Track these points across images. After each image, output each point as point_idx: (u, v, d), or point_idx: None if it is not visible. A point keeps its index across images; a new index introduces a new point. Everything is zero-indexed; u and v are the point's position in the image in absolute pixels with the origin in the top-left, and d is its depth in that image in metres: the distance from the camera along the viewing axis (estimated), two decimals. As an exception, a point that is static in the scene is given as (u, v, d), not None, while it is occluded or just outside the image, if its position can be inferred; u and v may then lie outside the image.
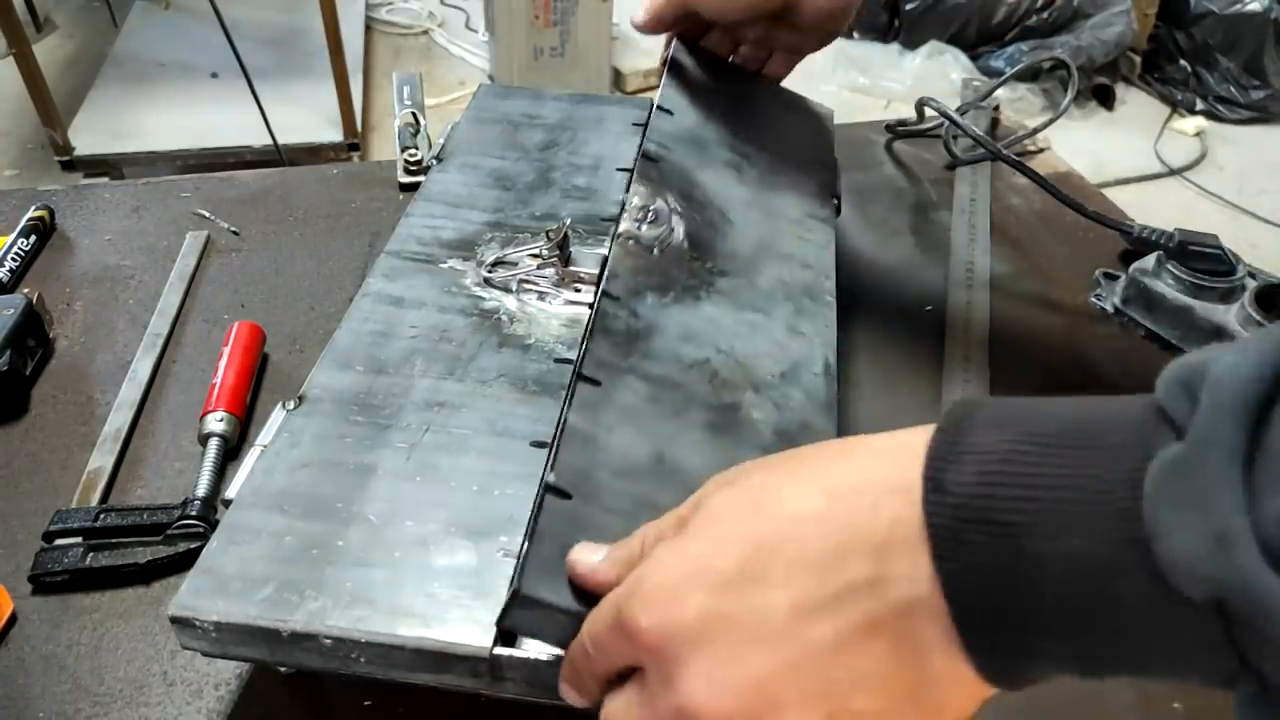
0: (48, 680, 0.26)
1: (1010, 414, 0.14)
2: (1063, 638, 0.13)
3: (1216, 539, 0.11)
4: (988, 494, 0.13)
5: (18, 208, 0.44)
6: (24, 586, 0.29)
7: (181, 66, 1.37)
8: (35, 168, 1.33)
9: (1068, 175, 0.50)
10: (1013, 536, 0.13)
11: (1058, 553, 0.13)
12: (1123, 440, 0.13)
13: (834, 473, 0.15)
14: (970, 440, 0.14)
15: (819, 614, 0.14)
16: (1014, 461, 0.13)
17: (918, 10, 1.59)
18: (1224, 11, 1.51)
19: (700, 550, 0.15)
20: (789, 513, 0.15)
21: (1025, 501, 0.13)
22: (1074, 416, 0.14)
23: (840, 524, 0.14)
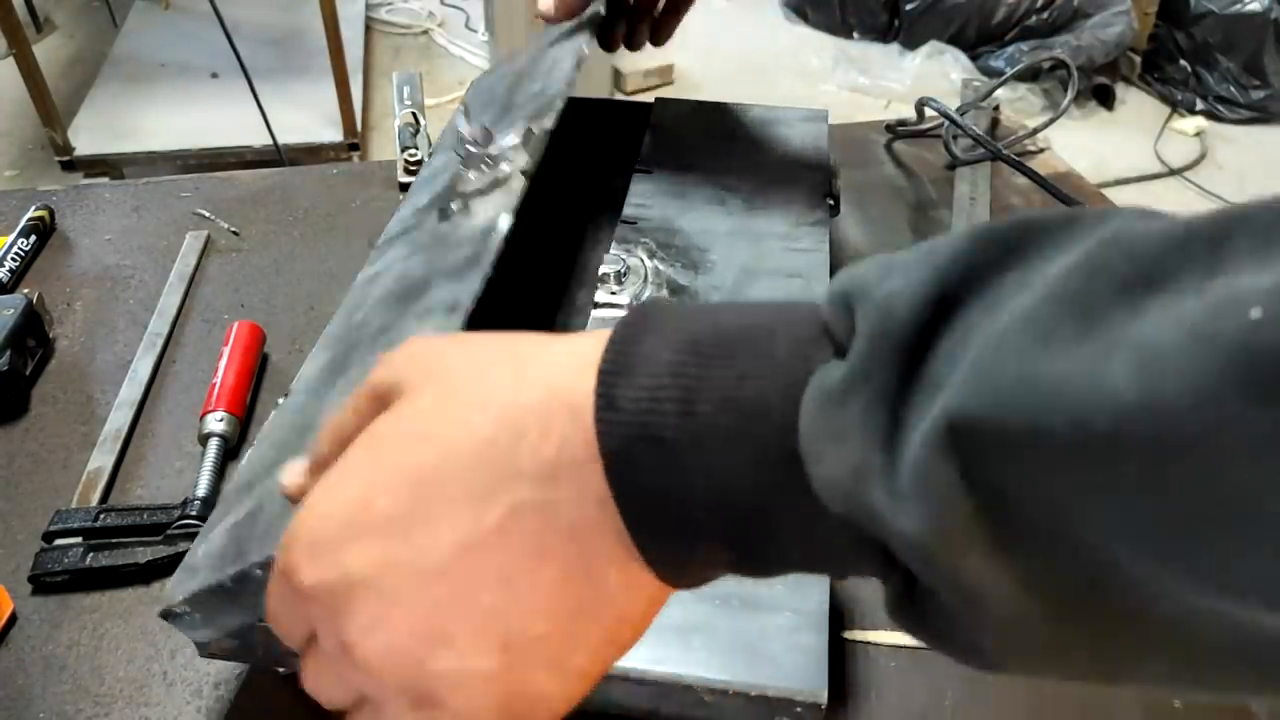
0: (48, 680, 0.26)
1: (679, 323, 0.14)
2: (731, 546, 0.13)
3: (854, 472, 0.12)
4: (653, 409, 0.13)
5: (18, 208, 0.44)
6: (24, 586, 0.29)
7: (181, 66, 1.37)
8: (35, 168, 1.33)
9: (1068, 175, 0.50)
10: (679, 453, 0.13)
11: (721, 470, 0.13)
12: (784, 354, 0.13)
13: (503, 389, 0.14)
14: (641, 351, 0.13)
15: (485, 547, 0.14)
16: (679, 374, 0.13)
17: (918, 10, 1.59)
18: (1224, 11, 1.51)
19: (358, 494, 0.14)
20: (452, 441, 0.14)
21: (687, 418, 0.13)
22: (739, 324, 0.14)
23: (504, 451, 0.14)
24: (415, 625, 0.14)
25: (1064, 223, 0.12)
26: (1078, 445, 0.09)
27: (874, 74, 1.56)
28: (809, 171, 0.39)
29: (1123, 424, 0.09)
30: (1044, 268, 0.11)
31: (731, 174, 0.38)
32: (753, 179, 0.38)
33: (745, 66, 1.61)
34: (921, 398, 0.11)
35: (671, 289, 0.32)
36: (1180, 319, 0.09)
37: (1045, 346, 0.10)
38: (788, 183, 0.38)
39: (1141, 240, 0.10)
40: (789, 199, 0.37)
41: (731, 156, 0.39)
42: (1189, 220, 0.10)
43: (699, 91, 1.53)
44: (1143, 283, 0.10)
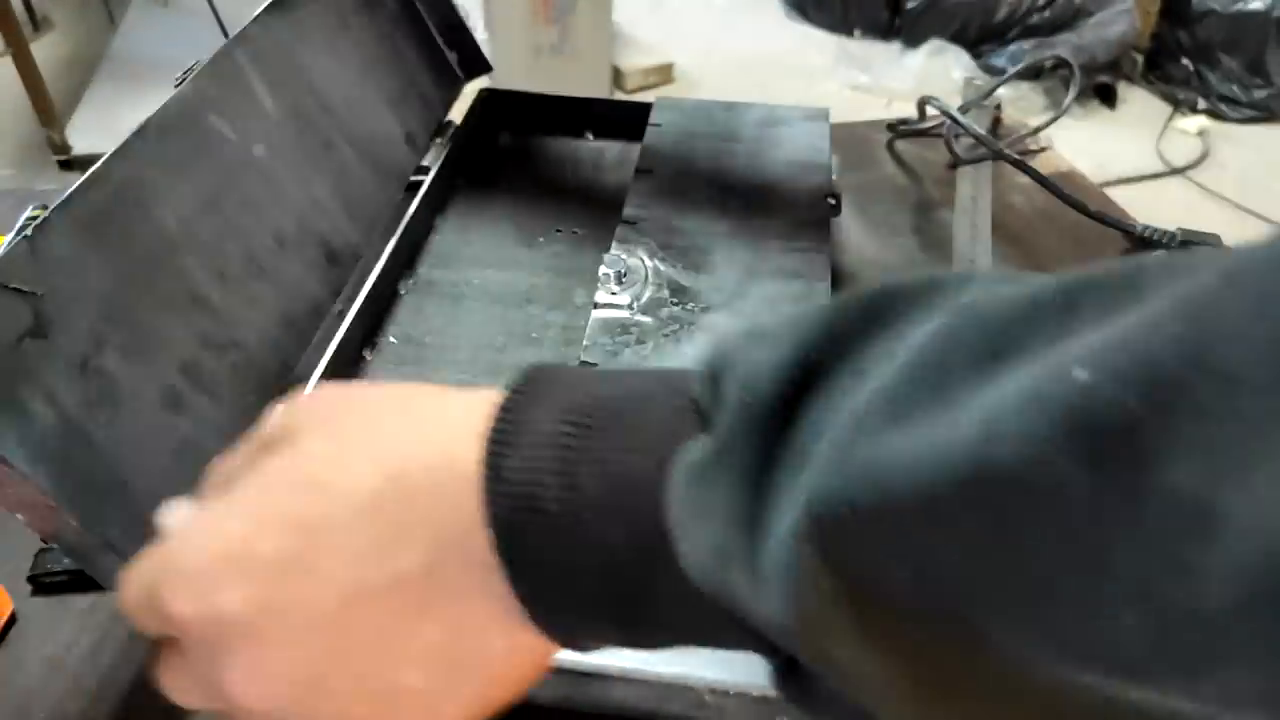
0: (48, 680, 0.26)
1: (564, 391, 0.14)
2: (613, 618, 0.13)
3: (717, 553, 0.12)
4: (537, 482, 0.13)
5: (15, 207, 0.44)
6: (24, 586, 0.29)
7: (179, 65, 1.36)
8: (32, 167, 1.32)
9: (1070, 174, 0.50)
10: (561, 526, 0.13)
11: (600, 544, 0.13)
12: (655, 428, 0.13)
13: (397, 445, 0.14)
14: (527, 420, 0.14)
15: (367, 603, 0.14)
16: (561, 447, 0.13)
17: (919, 8, 1.59)
18: (1226, 10, 1.51)
19: (241, 531, 0.14)
20: (342, 493, 0.14)
21: (567, 490, 0.13)
22: (618, 394, 0.14)
23: (395, 510, 0.14)
24: (293, 673, 0.14)
25: (925, 288, 0.12)
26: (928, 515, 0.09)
27: (875, 72, 1.56)
28: (810, 171, 0.39)
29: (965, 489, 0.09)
30: (907, 334, 0.11)
31: (732, 174, 0.38)
32: (753, 179, 0.38)
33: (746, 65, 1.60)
34: (786, 474, 0.11)
35: (672, 289, 0.32)
36: (1020, 385, 0.09)
37: (898, 423, 0.10)
38: (789, 182, 0.38)
39: (994, 309, 0.10)
40: (790, 198, 0.37)
41: (732, 156, 0.39)
42: (1041, 286, 0.10)
43: (699, 90, 1.52)
44: (993, 353, 0.10)
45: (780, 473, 0.11)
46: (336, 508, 0.14)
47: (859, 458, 0.10)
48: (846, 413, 0.11)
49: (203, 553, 0.14)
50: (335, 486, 0.14)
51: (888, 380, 0.10)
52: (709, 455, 0.12)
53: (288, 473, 0.15)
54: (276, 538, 0.14)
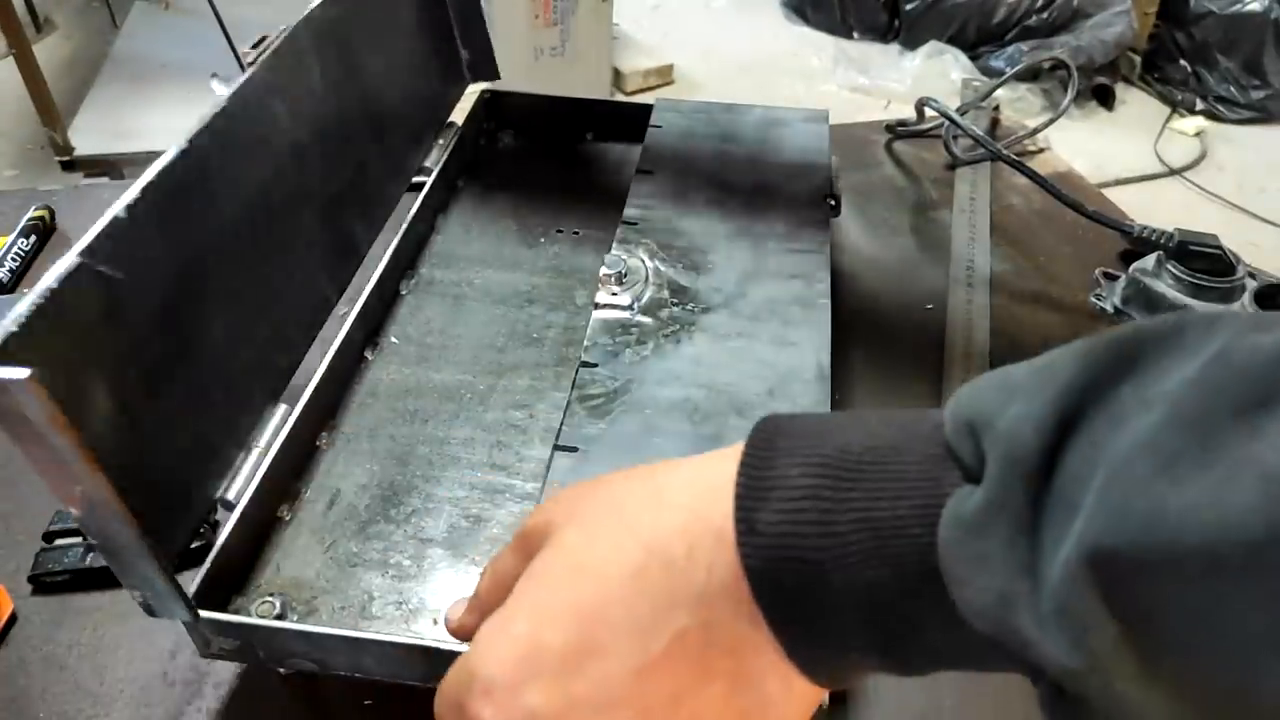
0: (48, 680, 0.26)
1: (809, 443, 0.15)
2: (878, 652, 0.15)
3: (999, 597, 0.13)
4: (794, 533, 0.14)
5: (18, 208, 0.44)
6: (24, 586, 0.29)
7: (181, 67, 1.37)
8: (35, 168, 1.33)
9: (1068, 175, 0.50)
10: (821, 573, 0.14)
11: (864, 586, 0.14)
12: (915, 475, 0.14)
13: (645, 520, 0.16)
14: (774, 476, 0.15)
15: (655, 672, 0.15)
16: (815, 498, 0.14)
17: (918, 10, 1.59)
18: (1224, 11, 1.51)
19: (527, 631, 0.16)
20: (609, 574, 0.15)
21: (828, 538, 0.14)
22: (867, 445, 0.15)
23: (659, 579, 0.15)
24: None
25: (1173, 332, 0.12)
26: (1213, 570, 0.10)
27: (874, 74, 1.56)
28: (810, 172, 0.39)
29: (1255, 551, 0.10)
30: (1160, 382, 0.12)
31: (732, 175, 0.38)
32: (753, 180, 0.38)
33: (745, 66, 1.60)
34: (1056, 519, 0.12)
35: (672, 290, 0.32)
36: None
37: (1169, 475, 0.10)
38: (788, 183, 0.38)
39: (1251, 358, 0.11)
40: (790, 200, 0.37)
41: (732, 157, 0.39)
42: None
43: (699, 91, 1.53)
44: (1258, 403, 0.10)
45: (1048, 526, 0.12)
46: (607, 589, 0.15)
47: (1135, 510, 0.11)
48: (1111, 464, 0.11)
49: (498, 660, 0.16)
50: (601, 569, 0.15)
51: (1150, 432, 0.11)
52: (980, 508, 0.13)
53: (554, 567, 0.16)
54: (561, 629, 0.15)
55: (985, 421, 0.13)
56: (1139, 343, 0.12)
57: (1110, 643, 0.11)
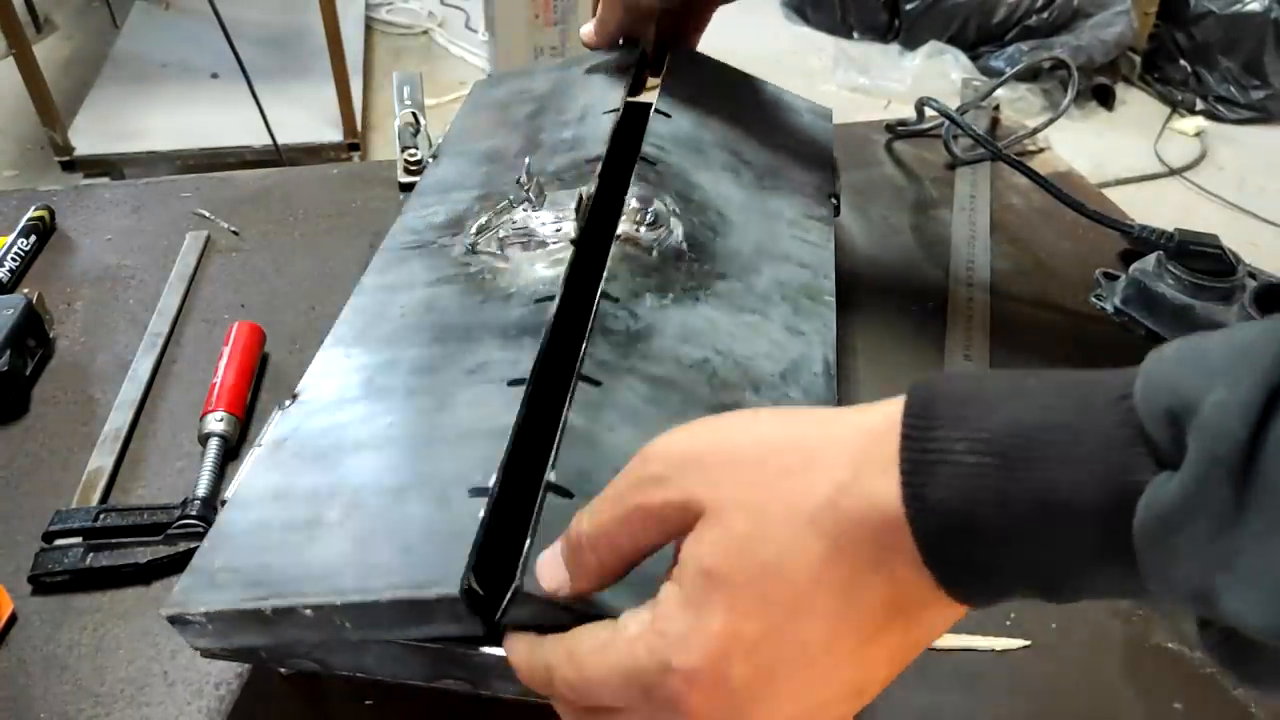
0: (49, 680, 0.26)
1: (974, 414, 0.15)
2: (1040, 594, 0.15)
3: (1198, 592, 0.13)
4: (968, 510, 0.14)
5: (18, 208, 0.44)
6: (24, 587, 0.29)
7: (181, 67, 1.37)
8: (35, 168, 1.33)
9: (1068, 175, 0.50)
10: (995, 545, 0.14)
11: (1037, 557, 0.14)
12: (1099, 462, 0.14)
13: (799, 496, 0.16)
14: (937, 449, 0.15)
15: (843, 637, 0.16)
16: (984, 477, 0.14)
17: (918, 10, 1.59)
18: (1224, 11, 1.51)
19: (724, 625, 0.16)
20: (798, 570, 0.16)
21: (1001, 517, 0.14)
22: (1039, 423, 0.14)
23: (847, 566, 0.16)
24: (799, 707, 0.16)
25: None
26: None
27: (874, 74, 1.56)
28: (816, 166, 0.38)
29: None
30: None
31: (745, 145, 0.37)
32: (765, 157, 0.37)
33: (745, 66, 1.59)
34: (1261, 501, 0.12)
35: (690, 244, 0.31)
36: None
37: None
38: (797, 171, 0.37)
39: None
40: (798, 188, 0.37)
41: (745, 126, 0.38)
42: None
43: (699, 91, 1.52)
44: None
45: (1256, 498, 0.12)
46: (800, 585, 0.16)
47: None
48: None
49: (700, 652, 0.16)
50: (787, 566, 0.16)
51: None
52: (1180, 502, 0.13)
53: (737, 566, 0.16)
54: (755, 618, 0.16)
55: (1186, 408, 0.13)
56: None
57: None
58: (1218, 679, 0.27)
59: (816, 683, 0.16)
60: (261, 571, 0.22)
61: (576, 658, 0.18)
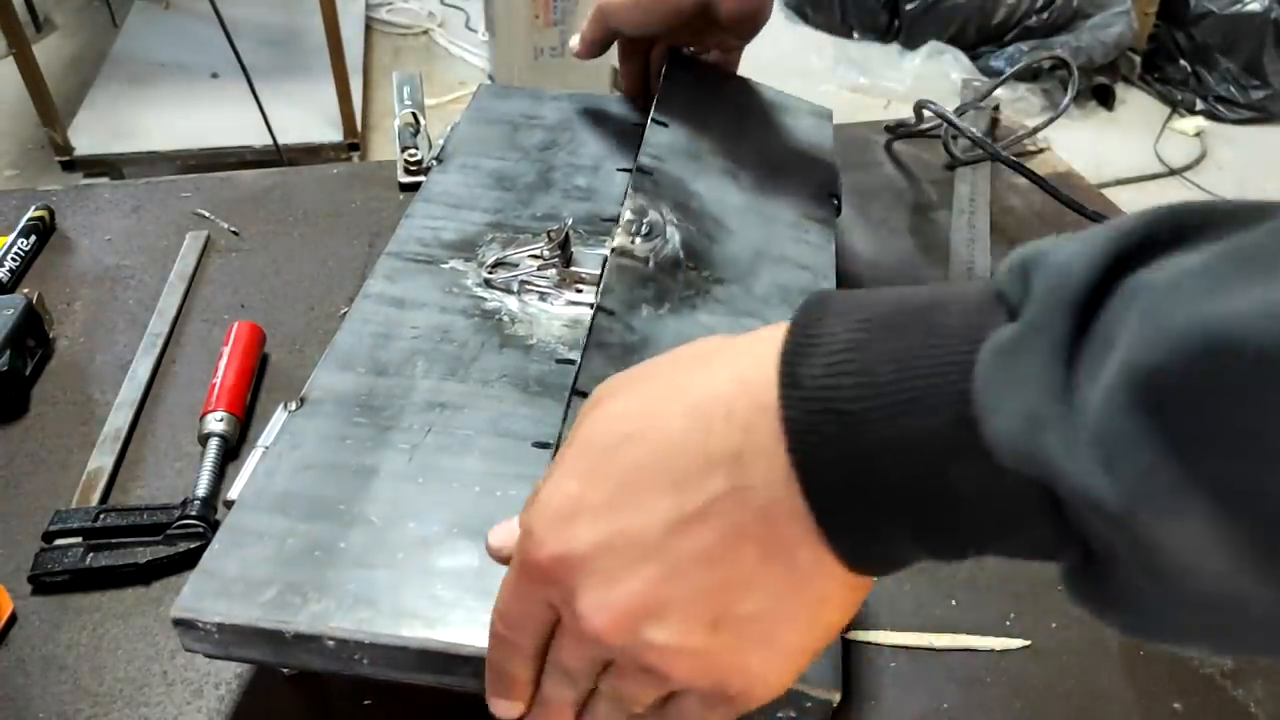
0: (47, 680, 0.26)
1: (857, 301, 0.15)
2: (909, 521, 0.14)
3: (1030, 420, 0.12)
4: (834, 384, 0.14)
5: (18, 208, 0.44)
6: (24, 586, 0.29)
7: (181, 66, 1.37)
8: (35, 168, 1.33)
9: (1067, 175, 0.50)
10: (856, 424, 0.13)
11: (898, 437, 0.13)
12: (959, 323, 0.13)
13: (692, 386, 0.16)
14: (821, 334, 0.14)
15: (688, 529, 0.15)
16: (856, 348, 0.14)
17: (918, 10, 1.59)
18: (1224, 11, 1.51)
19: (576, 489, 0.16)
20: (650, 437, 0.15)
21: (866, 388, 0.13)
22: (914, 301, 0.14)
23: (697, 442, 0.15)
24: (632, 602, 0.15)
25: (1253, 210, 0.12)
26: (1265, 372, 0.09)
27: (874, 74, 1.56)
28: (815, 167, 0.38)
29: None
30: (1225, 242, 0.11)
31: (743, 149, 0.37)
32: (764, 160, 0.37)
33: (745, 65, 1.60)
34: (1095, 352, 0.11)
35: (688, 252, 0.31)
36: None
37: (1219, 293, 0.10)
38: (796, 173, 0.37)
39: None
40: (798, 189, 0.37)
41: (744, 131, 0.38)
42: None
43: (699, 91, 1.52)
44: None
45: (1086, 358, 0.11)
46: (649, 453, 0.15)
47: (1180, 325, 0.10)
48: (1161, 287, 0.11)
49: (551, 510, 0.16)
50: (644, 435, 0.16)
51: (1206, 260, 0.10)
52: (1018, 333, 0.12)
53: (603, 432, 0.16)
54: (603, 487, 0.16)
55: (1037, 258, 0.13)
56: (1211, 213, 0.12)
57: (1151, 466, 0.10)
58: (1217, 680, 0.28)
59: (656, 577, 0.15)
60: (283, 590, 0.22)
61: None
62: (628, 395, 0.17)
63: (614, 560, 0.15)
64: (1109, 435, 0.11)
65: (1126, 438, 0.11)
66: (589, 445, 0.16)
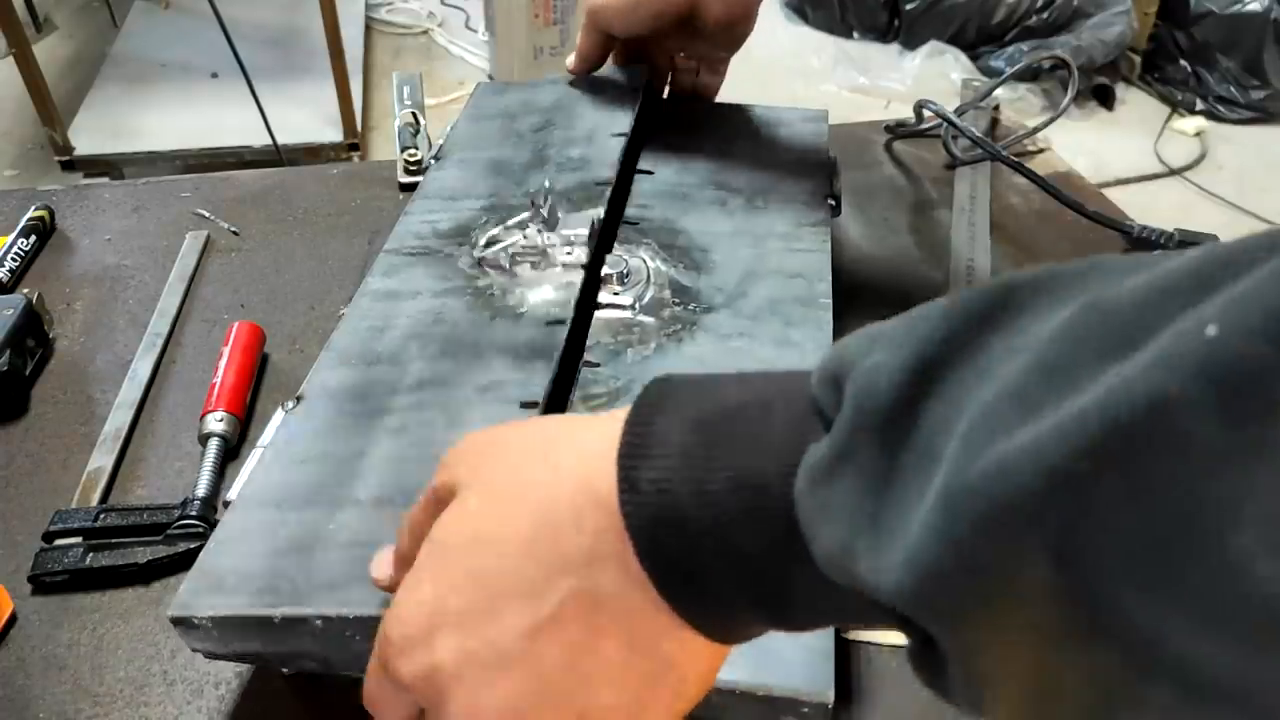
0: (48, 680, 0.26)
1: (689, 401, 0.15)
2: (765, 615, 0.14)
3: (844, 550, 0.12)
4: (670, 489, 0.14)
5: (18, 208, 0.44)
6: (24, 587, 0.29)
7: (181, 66, 1.37)
8: (35, 168, 1.33)
9: (1068, 175, 0.50)
10: (697, 535, 0.14)
11: (738, 548, 0.14)
12: (781, 434, 0.14)
13: (538, 486, 0.16)
14: (655, 433, 0.14)
15: (545, 634, 0.15)
16: (688, 454, 0.14)
17: (918, 10, 1.59)
18: (1224, 11, 1.51)
19: (433, 595, 0.16)
20: (503, 542, 0.16)
21: (701, 497, 0.14)
22: (740, 401, 0.14)
23: (547, 547, 0.15)
24: (501, 710, 0.15)
25: (1046, 282, 0.12)
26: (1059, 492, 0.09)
27: (874, 74, 1.56)
28: (810, 172, 0.39)
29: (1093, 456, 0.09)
30: (1032, 330, 0.11)
31: (733, 174, 0.38)
32: (754, 179, 0.38)
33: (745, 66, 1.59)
34: (914, 473, 0.12)
35: (674, 289, 0.32)
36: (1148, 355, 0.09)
37: (1028, 417, 0.10)
38: (789, 183, 0.38)
39: (1122, 302, 0.10)
40: (790, 199, 0.37)
41: (733, 157, 0.39)
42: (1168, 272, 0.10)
43: (699, 91, 1.52)
44: (1121, 345, 0.10)
45: (907, 472, 0.12)
46: (501, 558, 0.15)
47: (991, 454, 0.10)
48: (974, 412, 0.11)
49: (410, 620, 0.16)
50: (496, 539, 0.16)
51: (1015, 378, 0.11)
52: (828, 458, 0.13)
53: (455, 534, 0.16)
54: (461, 594, 0.16)
55: (845, 369, 0.13)
56: (1010, 291, 0.12)
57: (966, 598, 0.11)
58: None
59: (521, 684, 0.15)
60: (271, 577, 0.22)
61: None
62: (479, 490, 0.16)
63: (478, 670, 0.15)
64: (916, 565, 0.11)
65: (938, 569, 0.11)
66: (443, 547, 0.16)
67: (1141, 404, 0.09)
